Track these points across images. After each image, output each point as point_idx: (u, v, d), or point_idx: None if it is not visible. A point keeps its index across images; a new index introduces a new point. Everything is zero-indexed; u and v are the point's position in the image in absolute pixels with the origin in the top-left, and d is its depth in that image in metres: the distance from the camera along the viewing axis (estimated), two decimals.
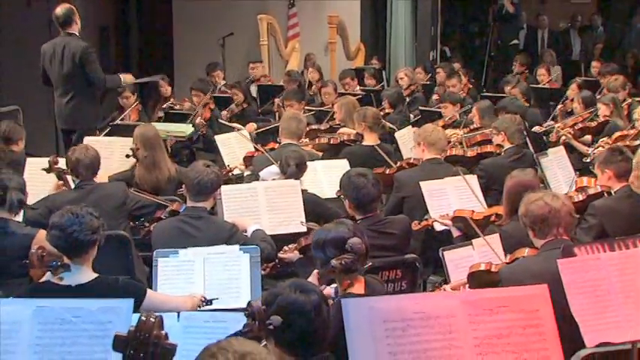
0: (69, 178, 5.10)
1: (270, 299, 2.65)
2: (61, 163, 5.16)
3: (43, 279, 3.52)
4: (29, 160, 5.74)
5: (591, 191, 4.96)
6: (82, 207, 3.57)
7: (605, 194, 4.89)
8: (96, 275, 3.50)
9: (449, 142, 6.52)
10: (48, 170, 5.12)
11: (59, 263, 3.40)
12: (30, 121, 7.99)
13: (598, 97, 8.00)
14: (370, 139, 6.33)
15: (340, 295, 3.33)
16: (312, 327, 2.62)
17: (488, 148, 6.36)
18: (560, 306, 2.94)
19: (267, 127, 7.60)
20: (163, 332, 2.00)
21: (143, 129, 5.83)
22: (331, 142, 6.67)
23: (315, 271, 3.54)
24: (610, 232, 4.57)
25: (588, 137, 7.26)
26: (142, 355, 1.97)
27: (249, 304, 2.46)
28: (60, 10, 7.03)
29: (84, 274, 3.46)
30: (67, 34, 7.03)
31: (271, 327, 2.46)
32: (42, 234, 4.01)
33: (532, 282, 3.03)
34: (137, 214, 5.12)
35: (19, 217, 4.41)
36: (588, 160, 6.61)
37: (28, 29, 10.03)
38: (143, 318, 2.00)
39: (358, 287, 3.33)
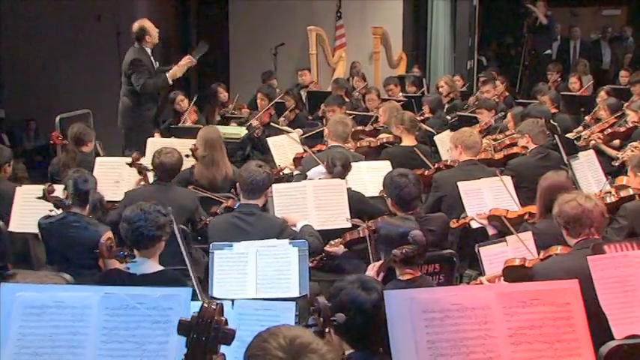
0: (149, 174, 5.19)
1: (335, 292, 2.66)
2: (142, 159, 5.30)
3: (112, 267, 3.57)
4: (98, 159, 5.84)
5: (623, 193, 4.84)
6: (151, 204, 3.58)
7: (637, 197, 4.78)
8: (161, 268, 3.52)
9: None
10: (131, 164, 5.23)
11: (126, 253, 3.44)
12: (99, 123, 8.12)
13: (626, 104, 7.84)
14: (408, 141, 6.33)
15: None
16: (369, 323, 2.63)
17: (515, 150, 6.33)
18: (592, 301, 2.89)
19: (312, 132, 7.61)
20: (223, 318, 2.01)
21: (207, 130, 5.90)
22: (371, 145, 6.68)
23: (372, 265, 3.52)
24: None
25: (617, 142, 7.13)
26: (203, 338, 1.98)
27: (315, 300, 2.44)
28: (136, 25, 7.38)
29: (149, 265, 3.48)
30: (138, 44, 7.33)
31: (335, 323, 2.45)
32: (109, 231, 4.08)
33: (564, 278, 2.97)
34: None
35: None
36: (617, 164, 6.49)
37: (98, 40, 10.24)
38: (205, 305, 2.01)
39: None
